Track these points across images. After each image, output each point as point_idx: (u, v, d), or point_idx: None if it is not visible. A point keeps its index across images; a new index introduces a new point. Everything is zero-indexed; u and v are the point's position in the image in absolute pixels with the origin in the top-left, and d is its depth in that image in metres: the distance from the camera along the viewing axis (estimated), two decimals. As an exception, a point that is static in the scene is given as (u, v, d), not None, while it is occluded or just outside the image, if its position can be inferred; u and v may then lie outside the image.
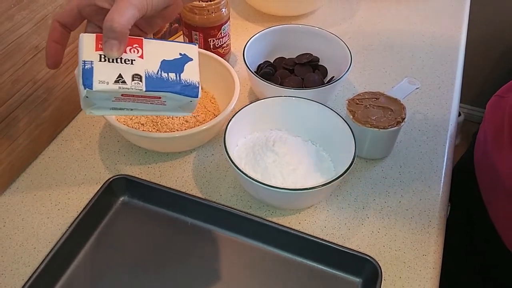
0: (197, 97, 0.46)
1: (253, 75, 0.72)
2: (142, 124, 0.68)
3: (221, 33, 0.79)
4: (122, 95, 0.43)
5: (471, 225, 0.76)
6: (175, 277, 0.57)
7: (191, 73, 0.47)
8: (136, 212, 0.63)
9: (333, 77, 0.78)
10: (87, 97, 0.43)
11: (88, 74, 0.42)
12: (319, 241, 0.57)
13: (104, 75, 0.43)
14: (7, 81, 0.62)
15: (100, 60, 0.43)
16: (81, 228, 0.59)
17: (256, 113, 0.67)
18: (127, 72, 0.43)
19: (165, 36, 0.89)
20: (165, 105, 0.47)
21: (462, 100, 1.92)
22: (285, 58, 0.82)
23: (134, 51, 0.44)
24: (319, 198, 0.63)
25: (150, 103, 0.46)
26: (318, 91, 0.71)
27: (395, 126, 0.64)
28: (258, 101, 0.67)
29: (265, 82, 0.71)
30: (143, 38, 0.46)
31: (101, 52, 0.43)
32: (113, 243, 0.60)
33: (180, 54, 0.47)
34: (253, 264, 0.59)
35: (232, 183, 0.66)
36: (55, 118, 0.70)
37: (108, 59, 0.43)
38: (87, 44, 0.44)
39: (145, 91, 0.44)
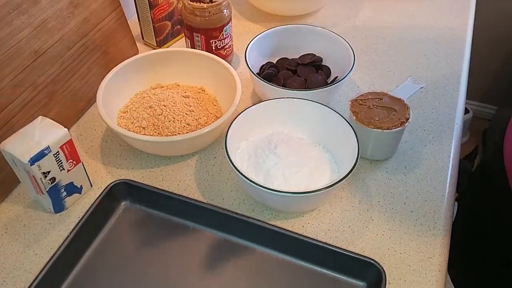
0: (54, 213, 0.63)
1: (255, 76, 0.71)
2: (144, 128, 0.67)
3: (223, 35, 0.78)
4: (33, 176, 0.57)
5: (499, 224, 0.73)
6: (178, 281, 0.57)
7: (71, 200, 0.62)
8: (138, 216, 0.63)
9: (337, 77, 0.77)
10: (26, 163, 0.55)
11: (40, 156, 0.55)
12: (322, 245, 0.57)
13: (46, 164, 0.56)
14: (8, 86, 0.61)
15: (54, 154, 0.56)
16: (82, 234, 0.59)
17: (258, 115, 0.66)
18: (54, 173, 0.58)
19: (167, 38, 0.88)
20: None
21: (471, 96, 1.91)
22: (288, 58, 0.81)
23: (70, 165, 0.59)
24: (322, 201, 0.62)
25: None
26: (321, 92, 0.70)
27: (399, 127, 0.63)
28: (260, 103, 0.67)
29: (267, 84, 0.70)
30: (81, 161, 0.61)
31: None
32: (115, 248, 0.60)
33: (81, 186, 0.63)
34: (255, 268, 0.58)
35: (234, 187, 0.65)
36: (56, 123, 0.70)
37: (56, 154, 0.56)
38: (60, 139, 0.57)
39: (46, 191, 0.58)
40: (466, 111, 1.81)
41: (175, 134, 0.66)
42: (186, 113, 0.69)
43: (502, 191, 0.68)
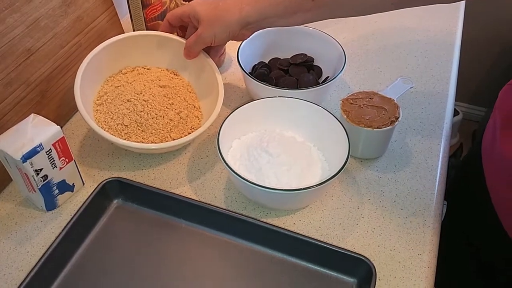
0: (46, 211, 0.63)
1: (247, 76, 0.72)
2: (126, 126, 0.66)
3: (215, 34, 0.79)
4: (25, 174, 0.57)
5: (472, 220, 0.75)
6: (170, 280, 0.57)
7: (63, 198, 0.63)
8: (130, 214, 0.63)
9: (328, 77, 0.77)
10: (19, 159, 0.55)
11: (32, 153, 0.55)
12: (313, 241, 0.57)
13: (38, 162, 0.56)
14: (0, 84, 0.61)
15: (46, 151, 0.56)
16: (74, 231, 0.59)
17: (250, 114, 0.67)
18: (46, 170, 0.58)
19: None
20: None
21: (461, 98, 1.93)
22: (279, 58, 0.82)
23: (62, 162, 0.59)
24: (313, 199, 0.63)
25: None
26: (313, 91, 0.70)
27: (389, 126, 0.64)
28: (253, 102, 0.67)
29: (260, 83, 0.71)
30: (73, 159, 0.61)
31: (51, 148, 0.57)
32: (106, 246, 0.60)
33: (73, 184, 0.63)
34: (247, 265, 0.58)
35: (226, 185, 0.66)
36: (48, 121, 0.70)
37: (48, 152, 0.57)
38: (52, 137, 0.57)
39: (38, 188, 0.58)
40: (456, 112, 1.82)
41: (160, 132, 0.66)
42: (167, 107, 0.68)
43: (479, 189, 0.69)
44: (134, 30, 0.88)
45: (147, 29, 0.85)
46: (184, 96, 0.71)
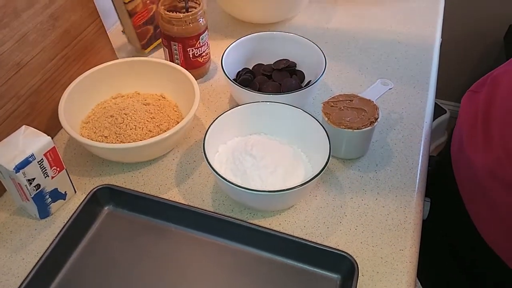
0: (40, 219, 0.65)
1: (231, 82, 0.74)
2: (106, 137, 0.69)
3: (199, 43, 0.81)
4: (18, 183, 0.59)
5: (449, 217, 0.78)
6: (162, 282, 0.59)
7: (56, 206, 0.65)
8: (121, 220, 0.65)
9: (310, 81, 0.80)
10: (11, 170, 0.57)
11: (24, 163, 0.57)
12: (299, 240, 0.59)
13: (30, 172, 0.58)
14: (-9, 98, 0.63)
15: (38, 161, 0.58)
16: (67, 238, 0.61)
17: (235, 119, 0.69)
18: (39, 179, 0.60)
19: (151, 40, 0.91)
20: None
21: (448, 97, 1.96)
22: (263, 64, 0.84)
23: (54, 171, 0.62)
24: (298, 199, 0.65)
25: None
26: (295, 95, 0.73)
27: (368, 126, 0.66)
28: (237, 107, 0.69)
29: (244, 89, 0.73)
30: (65, 168, 0.63)
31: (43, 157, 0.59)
32: (99, 251, 0.62)
33: (65, 192, 0.65)
34: (236, 265, 0.60)
35: (214, 189, 0.68)
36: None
37: (40, 162, 0.58)
38: (43, 147, 0.59)
39: (31, 197, 0.60)
40: (443, 111, 1.86)
41: (137, 141, 0.68)
42: (147, 120, 0.71)
43: (452, 190, 0.72)
44: (126, 35, 0.90)
45: (136, 35, 0.87)
46: (168, 113, 0.74)
